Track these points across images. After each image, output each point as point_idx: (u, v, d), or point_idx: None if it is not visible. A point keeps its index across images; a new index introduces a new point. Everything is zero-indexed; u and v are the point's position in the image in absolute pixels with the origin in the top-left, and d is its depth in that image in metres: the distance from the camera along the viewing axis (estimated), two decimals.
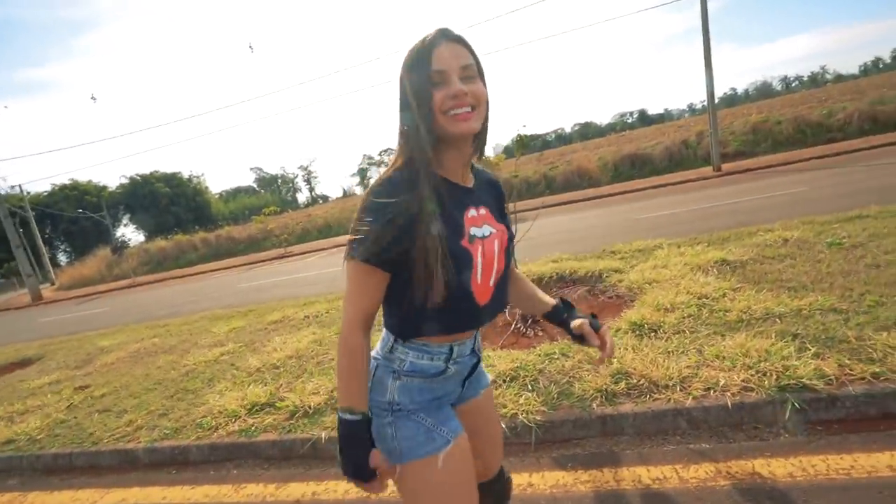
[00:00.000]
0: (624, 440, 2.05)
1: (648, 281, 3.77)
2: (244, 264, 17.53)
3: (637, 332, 2.81)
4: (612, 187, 16.05)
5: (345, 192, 74.52)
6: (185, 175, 53.80)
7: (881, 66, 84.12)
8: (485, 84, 0.93)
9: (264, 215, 19.34)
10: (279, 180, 76.81)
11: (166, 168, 56.81)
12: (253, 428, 2.67)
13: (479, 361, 1.12)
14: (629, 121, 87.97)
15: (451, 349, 1.00)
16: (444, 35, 0.89)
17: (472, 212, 0.97)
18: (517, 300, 1.21)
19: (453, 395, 1.07)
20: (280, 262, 15.88)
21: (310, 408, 2.72)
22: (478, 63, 0.93)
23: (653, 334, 2.76)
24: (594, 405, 2.18)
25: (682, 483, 1.73)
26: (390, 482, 0.97)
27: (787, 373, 2.05)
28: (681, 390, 2.14)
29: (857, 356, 2.09)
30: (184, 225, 41.42)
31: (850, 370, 2.01)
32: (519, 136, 3.89)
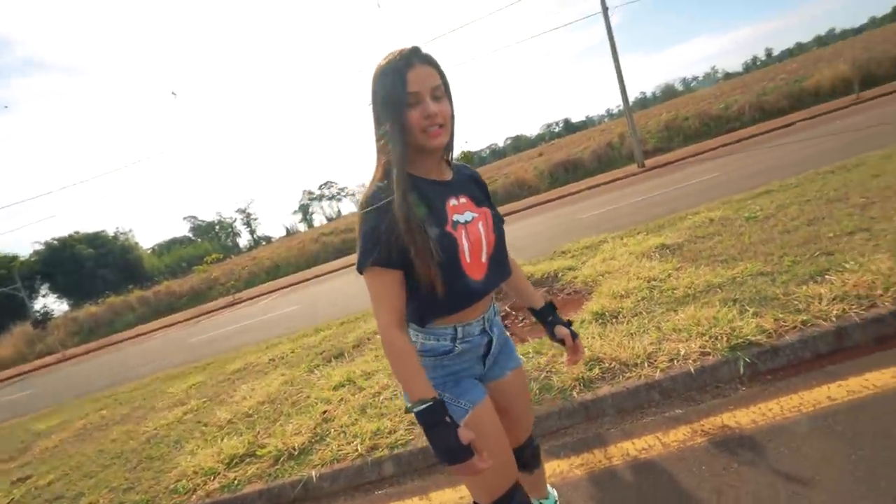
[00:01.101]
0: (607, 421, 2.18)
1: (601, 273, 4.03)
2: (191, 318, 16.48)
3: (600, 321, 3.01)
4: (550, 193, 16.86)
5: (288, 230, 72.30)
6: (111, 233, 49.98)
7: (758, 63, 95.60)
8: (451, 100, 1.08)
9: (206, 264, 18.38)
10: (216, 226, 73.20)
11: (88, 228, 52.43)
12: (236, 482, 2.54)
13: (491, 341, 1.20)
14: (556, 130, 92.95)
15: (456, 329, 1.11)
16: (417, 56, 1.00)
17: (452, 201, 1.10)
18: (509, 288, 1.35)
19: (473, 370, 1.19)
20: (231, 310, 15.09)
21: (294, 449, 2.63)
22: (445, 82, 1.05)
23: (614, 320, 2.97)
24: (574, 394, 2.31)
25: (665, 448, 1.87)
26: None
27: (735, 333, 2.29)
28: (649, 366, 2.32)
29: (787, 310, 2.38)
30: (115, 286, 38.19)
31: (784, 322, 2.29)
32: (463, 152, 4.07)
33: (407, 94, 0.98)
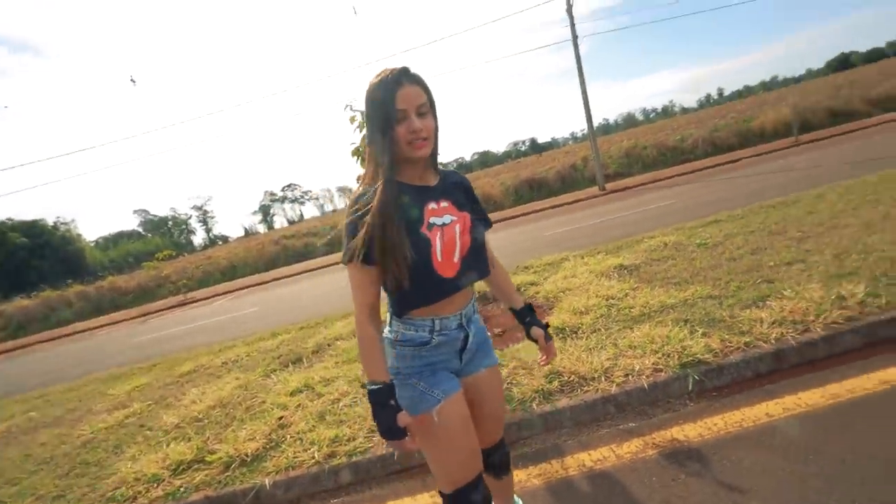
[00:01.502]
0: (565, 432, 2.25)
1: (562, 290, 4.16)
2: (136, 316, 15.51)
3: (560, 335, 3.10)
4: (515, 210, 17.23)
5: (247, 231, 69.81)
6: (50, 222, 46.44)
7: (711, 101, 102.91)
8: (435, 115, 1.21)
9: (157, 260, 17.41)
10: (170, 222, 69.57)
11: (23, 215, 48.34)
12: (182, 489, 2.41)
13: (468, 337, 1.28)
14: (522, 148, 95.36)
15: (433, 322, 1.21)
16: (406, 77, 1.14)
17: (432, 205, 1.20)
18: (492, 286, 1.44)
19: (450, 364, 1.28)
20: (181, 309, 14.34)
21: (247, 455, 2.54)
22: (431, 100, 1.19)
23: (574, 335, 3.07)
24: (534, 405, 2.36)
25: (618, 460, 1.95)
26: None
27: (685, 352, 2.43)
28: (605, 380, 2.41)
29: (732, 331, 2.55)
30: (51, 279, 35.39)
31: (729, 343, 2.45)
32: None
33: (396, 111, 1.11)
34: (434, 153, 1.24)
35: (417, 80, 1.15)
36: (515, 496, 1.60)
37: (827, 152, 11.00)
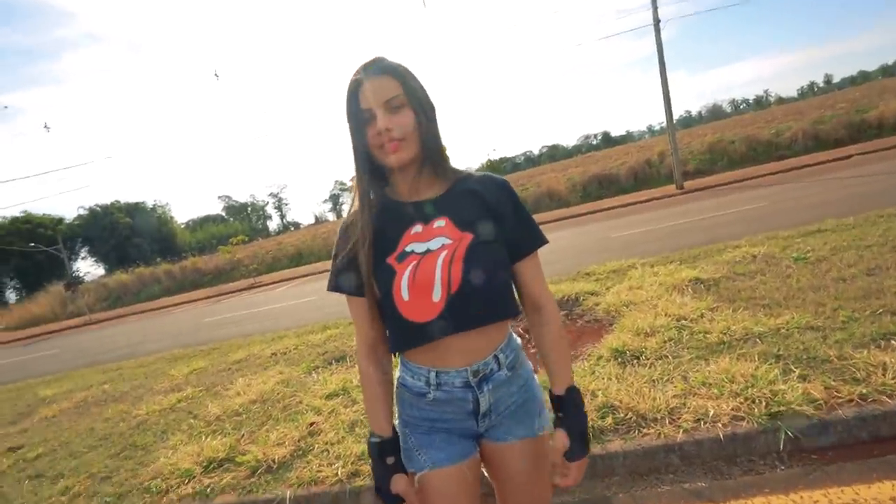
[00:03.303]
0: (615, 482, 1.92)
1: (625, 303, 3.72)
2: (211, 297, 16.84)
3: (619, 360, 2.72)
4: (582, 207, 16.40)
5: (317, 218, 73.60)
6: (149, 205, 51.99)
7: (815, 89, 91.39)
8: (421, 107, 0.95)
9: (232, 245, 18.74)
10: (249, 208, 75.22)
11: (128, 198, 54.53)
12: (209, 489, 2.39)
13: (478, 399, 0.98)
14: (594, 142, 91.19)
15: (429, 373, 0.98)
16: (372, 69, 0.93)
17: (416, 228, 0.97)
18: (535, 343, 1.07)
19: (457, 425, 1.01)
20: (249, 293, 15.32)
21: (273, 462, 2.47)
22: (408, 89, 0.94)
23: (635, 361, 2.67)
24: None
25: None
26: None
27: (776, 398, 1.98)
28: (670, 423, 2.03)
29: (841, 377, 2.05)
30: (147, 257, 39.64)
31: (837, 392, 1.96)
32: (489, 160, 3.85)
33: (362, 110, 0.93)
34: (432, 155, 0.98)
35: (386, 69, 0.93)
36: None
37: None
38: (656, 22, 14.43)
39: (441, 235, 0.95)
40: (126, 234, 45.70)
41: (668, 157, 16.42)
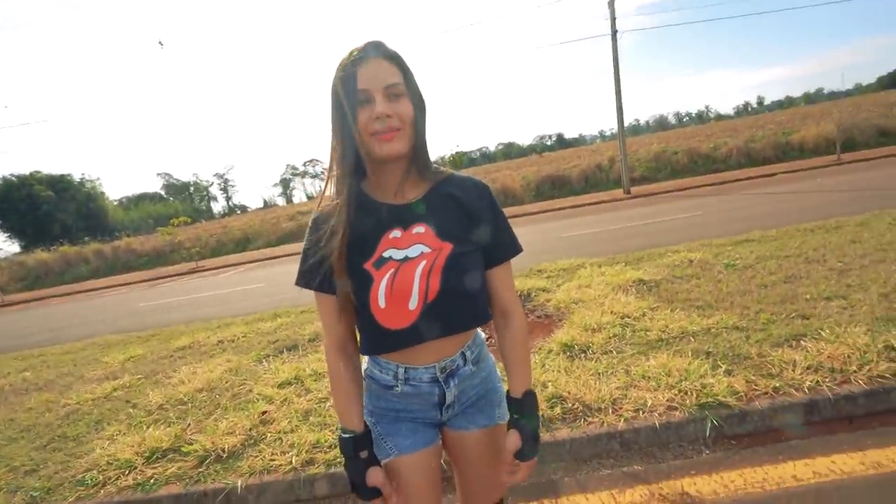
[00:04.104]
0: (562, 467, 2.05)
1: (574, 300, 3.92)
2: (147, 280, 15.75)
3: (568, 354, 2.88)
4: (535, 206, 16.88)
5: (266, 202, 70.61)
6: (76, 178, 47.55)
7: (749, 109, 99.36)
8: (418, 101, 0.93)
9: (172, 226, 17.59)
10: (191, 188, 70.72)
11: (52, 169, 49.52)
12: (152, 481, 2.29)
13: (444, 393, 1.02)
14: (548, 143, 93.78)
15: (397, 369, 1.00)
16: (373, 50, 0.87)
17: (395, 233, 0.94)
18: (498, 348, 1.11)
19: (427, 415, 1.05)
20: (190, 277, 14.49)
21: (223, 451, 2.40)
22: (408, 80, 0.91)
23: (583, 355, 2.84)
24: None
25: None
26: None
27: (705, 391, 2.19)
28: (613, 412, 2.19)
29: (759, 372, 2.30)
30: (73, 234, 36.30)
31: (756, 386, 2.20)
32: (454, 154, 3.90)
33: (357, 90, 0.86)
34: (420, 154, 0.95)
35: (389, 54, 0.89)
36: None
37: (872, 175, 10.38)
38: (613, 32, 15.05)
39: (420, 243, 0.93)
40: (46, 209, 41.58)
41: (618, 162, 17.24)
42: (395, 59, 0.89)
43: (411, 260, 0.92)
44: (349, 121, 0.87)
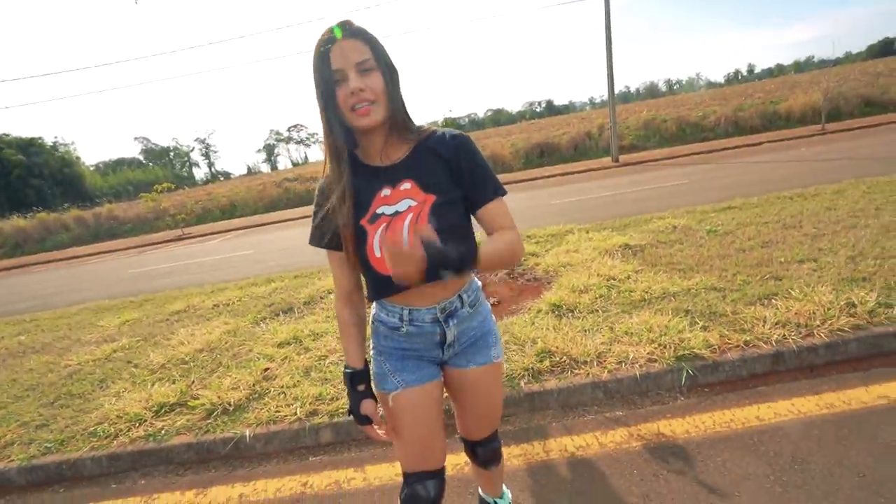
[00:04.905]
0: (550, 414, 2.22)
1: (563, 264, 4.06)
2: (133, 247, 15.54)
3: (556, 313, 3.03)
4: (524, 173, 16.86)
5: (249, 169, 68.97)
6: (48, 142, 45.66)
7: (740, 76, 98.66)
8: (388, 72, 0.99)
9: (157, 192, 17.21)
10: (171, 153, 68.52)
11: (22, 132, 47.43)
12: (163, 432, 2.42)
13: (445, 332, 1.13)
14: (538, 110, 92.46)
15: (402, 311, 1.13)
16: (341, 31, 0.96)
17: (385, 191, 1.05)
18: None
19: (429, 353, 1.18)
20: (177, 244, 14.34)
21: (230, 405, 2.53)
22: (377, 53, 0.98)
23: (570, 314, 3.00)
24: (522, 383, 2.32)
25: (601, 448, 1.92)
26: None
27: (682, 344, 2.37)
28: (597, 365, 2.36)
29: (732, 327, 2.48)
30: (48, 201, 35.21)
31: (728, 340, 2.38)
32: (446, 120, 3.90)
33: (332, 71, 0.95)
34: (398, 118, 1.04)
35: (356, 33, 0.97)
36: (504, 487, 1.56)
37: (855, 144, 10.59)
38: None
39: (407, 197, 1.04)
40: (18, 174, 40.04)
41: (607, 130, 17.21)
42: (363, 35, 0.97)
43: (400, 214, 1.03)
44: (331, 99, 0.98)
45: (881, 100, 17.36)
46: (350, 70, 0.95)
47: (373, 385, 1.19)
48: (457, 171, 1.05)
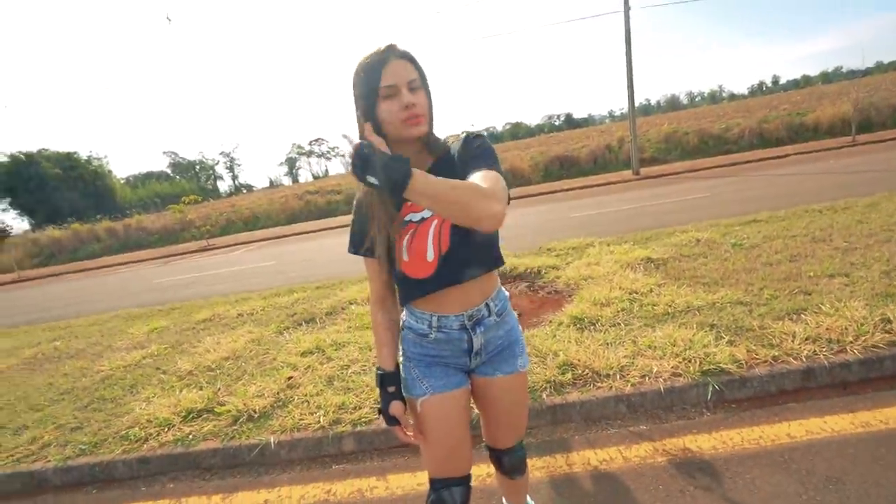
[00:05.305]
0: (572, 427, 2.21)
1: (584, 277, 4.04)
2: (159, 257, 16.04)
3: (578, 326, 3.02)
4: (543, 186, 16.84)
5: (272, 182, 70.64)
6: (83, 156, 47.75)
7: (764, 88, 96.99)
8: (428, 92, 1.09)
9: (184, 204, 17.78)
10: (197, 166, 70.81)
11: (58, 147, 49.80)
12: (190, 437, 2.48)
13: (472, 339, 1.18)
14: (556, 123, 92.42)
15: (431, 318, 1.17)
16: (394, 52, 1.03)
17: None
18: None
19: (454, 360, 1.21)
20: (202, 255, 14.73)
21: (255, 412, 2.59)
22: (422, 76, 1.08)
23: (592, 327, 2.98)
24: (544, 395, 2.32)
25: (625, 462, 1.90)
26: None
27: (708, 359, 2.33)
28: (620, 378, 2.34)
29: (760, 342, 2.43)
30: (81, 213, 36.67)
31: (756, 355, 2.33)
32: (465, 133, 3.96)
33: (381, 87, 1.02)
34: (430, 133, 1.12)
35: (405, 56, 1.05)
36: (529, 498, 1.56)
37: (888, 156, 10.26)
38: (626, 9, 14.72)
39: None
40: (55, 186, 41.90)
41: (627, 143, 17.08)
42: (412, 59, 1.06)
43: (426, 220, 1.11)
44: (372, 111, 1.03)
45: None
46: (403, 86, 1.02)
47: (402, 391, 1.22)
48: (464, 157, 1.07)
